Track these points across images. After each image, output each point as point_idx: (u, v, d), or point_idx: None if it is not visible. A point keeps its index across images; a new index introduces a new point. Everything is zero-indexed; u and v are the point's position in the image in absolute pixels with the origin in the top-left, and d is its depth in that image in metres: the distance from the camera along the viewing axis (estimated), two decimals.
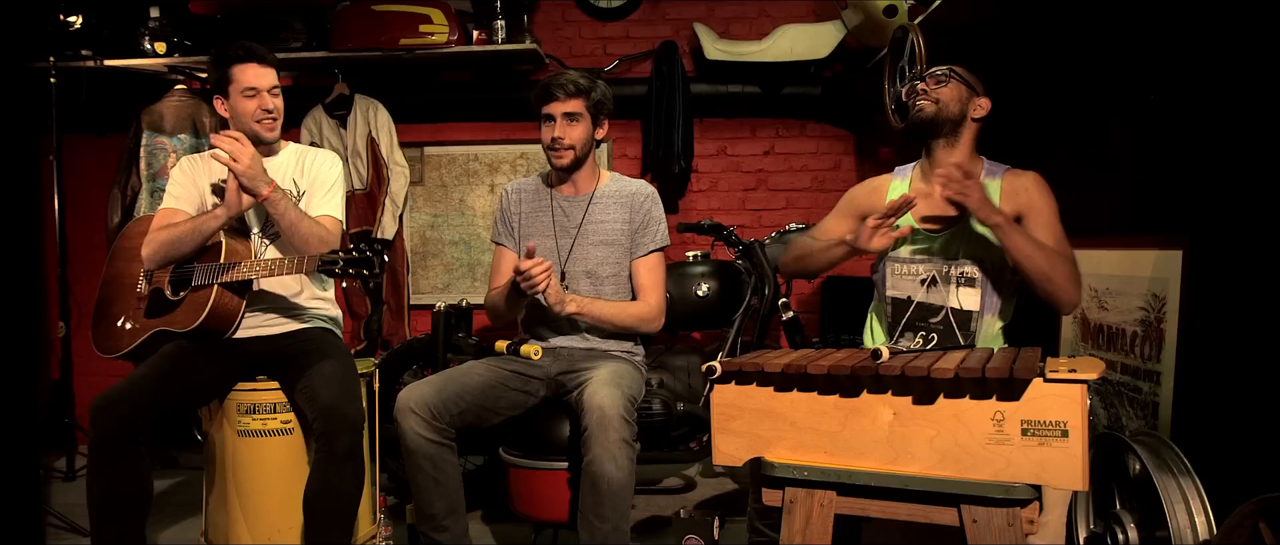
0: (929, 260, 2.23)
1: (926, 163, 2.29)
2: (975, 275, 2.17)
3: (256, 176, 2.33)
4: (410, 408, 2.28)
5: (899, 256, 2.28)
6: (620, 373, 2.35)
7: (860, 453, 1.69)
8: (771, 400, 1.75)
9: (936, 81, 2.22)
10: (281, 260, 2.30)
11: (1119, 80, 2.51)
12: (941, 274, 2.21)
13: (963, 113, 2.20)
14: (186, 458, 3.91)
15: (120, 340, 2.50)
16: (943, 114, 2.19)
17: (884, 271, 2.32)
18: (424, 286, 4.39)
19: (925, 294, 2.23)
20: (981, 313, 2.17)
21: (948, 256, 2.20)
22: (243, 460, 2.46)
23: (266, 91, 2.46)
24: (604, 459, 2.13)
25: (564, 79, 2.49)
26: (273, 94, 2.48)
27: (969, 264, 2.17)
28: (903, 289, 2.27)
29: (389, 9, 3.85)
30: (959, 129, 2.21)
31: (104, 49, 3.89)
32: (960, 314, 2.18)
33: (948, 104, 2.19)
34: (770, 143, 4.29)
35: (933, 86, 2.22)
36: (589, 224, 2.57)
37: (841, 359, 1.73)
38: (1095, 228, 2.61)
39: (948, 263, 2.20)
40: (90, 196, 4.26)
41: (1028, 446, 1.55)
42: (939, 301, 2.21)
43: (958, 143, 2.22)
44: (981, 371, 1.55)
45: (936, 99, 2.19)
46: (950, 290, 2.19)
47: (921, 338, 2.24)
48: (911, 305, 2.25)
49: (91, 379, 4.32)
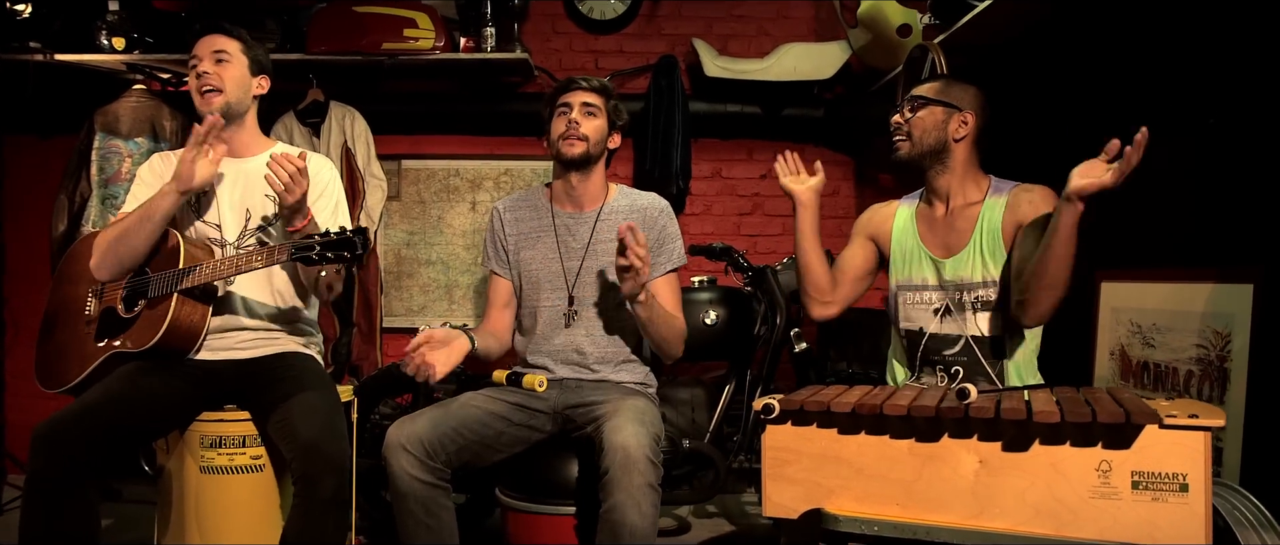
0: (939, 289, 2.11)
1: (925, 189, 2.21)
2: (992, 298, 2.03)
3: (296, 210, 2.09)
4: (402, 445, 2.03)
5: (909, 284, 2.17)
6: (641, 409, 2.12)
7: (939, 506, 1.49)
8: (835, 444, 1.55)
9: (911, 108, 2.13)
10: (248, 254, 2.03)
11: (1168, 102, 2.38)
12: (955, 302, 2.08)
13: (942, 138, 2.10)
14: (132, 489, 3.55)
15: (67, 370, 2.21)
16: (918, 148, 2.11)
17: (896, 303, 2.19)
18: (398, 308, 4.11)
19: (939, 324, 2.10)
20: (1005, 336, 2.03)
21: (959, 282, 2.07)
22: (205, 500, 2.16)
23: (208, 57, 2.21)
24: (627, 505, 1.90)
25: (586, 76, 2.36)
26: (214, 59, 2.22)
27: (983, 287, 2.04)
28: (915, 320, 2.15)
29: (371, 11, 3.62)
30: (943, 155, 2.11)
31: (55, 42, 3.57)
32: (982, 341, 2.04)
33: (921, 137, 2.10)
34: (768, 166, 4.05)
35: (906, 115, 2.14)
36: (597, 243, 2.34)
37: (921, 397, 1.53)
38: (1137, 259, 2.47)
39: (959, 289, 2.07)
40: (33, 202, 3.93)
41: (1139, 502, 1.37)
42: (956, 330, 2.08)
43: (949, 167, 2.12)
44: (1093, 416, 1.36)
45: (909, 132, 2.12)
46: (967, 317, 2.06)
47: (944, 373, 2.07)
48: (924, 337, 2.11)
49: (24, 401, 3.99)
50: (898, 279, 2.20)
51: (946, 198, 2.15)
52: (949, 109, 2.10)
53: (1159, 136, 2.50)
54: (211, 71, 2.20)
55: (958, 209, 2.12)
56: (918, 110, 2.12)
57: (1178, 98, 2.37)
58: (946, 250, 2.11)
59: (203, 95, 2.21)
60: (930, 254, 2.13)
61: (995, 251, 2.03)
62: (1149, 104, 2.54)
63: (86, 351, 2.19)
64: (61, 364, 2.22)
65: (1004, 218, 2.04)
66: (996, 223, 2.04)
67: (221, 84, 2.21)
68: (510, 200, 2.48)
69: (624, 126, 2.41)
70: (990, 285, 2.03)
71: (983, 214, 2.07)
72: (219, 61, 2.22)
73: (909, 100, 2.16)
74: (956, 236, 2.10)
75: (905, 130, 2.12)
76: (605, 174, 2.41)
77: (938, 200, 2.17)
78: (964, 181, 2.12)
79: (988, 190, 2.11)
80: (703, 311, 2.98)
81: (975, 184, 2.13)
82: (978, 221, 2.07)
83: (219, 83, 2.21)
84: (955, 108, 2.10)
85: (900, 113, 2.16)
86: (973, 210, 2.10)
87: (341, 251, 1.90)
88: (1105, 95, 2.72)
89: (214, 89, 2.20)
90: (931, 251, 2.14)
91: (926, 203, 2.21)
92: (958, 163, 2.11)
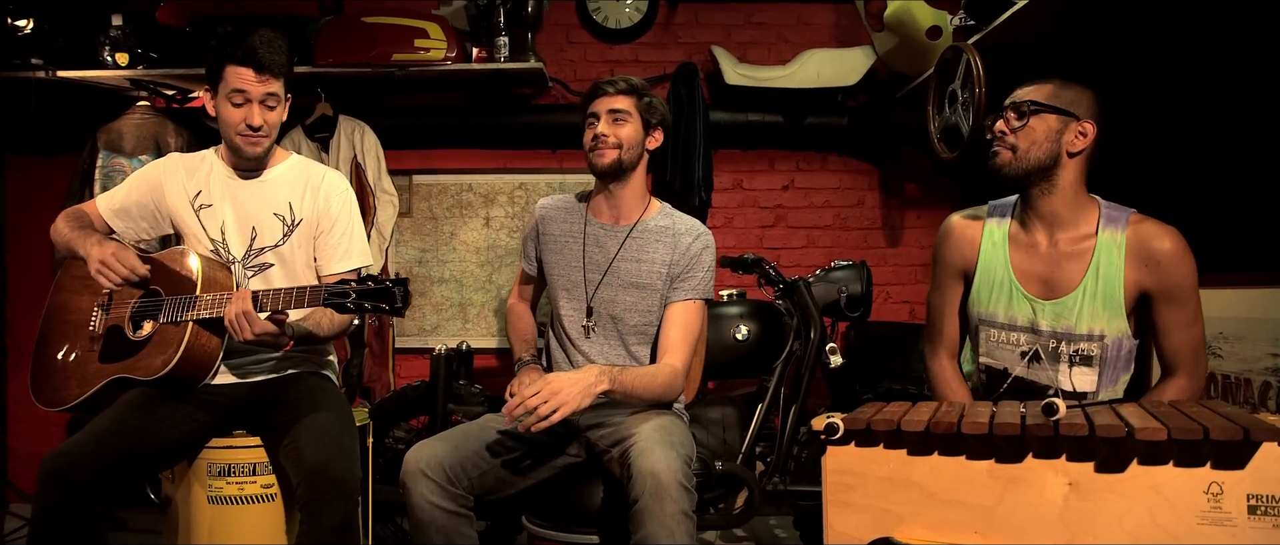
0: (1033, 332, 1.86)
1: (1022, 208, 1.92)
2: (1093, 352, 1.80)
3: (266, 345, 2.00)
4: (421, 470, 1.90)
5: (995, 320, 1.91)
6: (669, 429, 1.98)
7: (1023, 533, 1.35)
8: (904, 466, 1.41)
9: (1017, 115, 1.84)
10: (277, 293, 1.90)
11: (1238, 97, 2.25)
12: (1048, 350, 1.84)
13: (1054, 153, 1.81)
14: (137, 518, 3.41)
15: (67, 389, 2.07)
16: (1022, 164, 1.82)
17: (976, 332, 1.97)
18: (410, 329, 3.98)
19: (1026, 370, 1.87)
20: (1098, 392, 1.83)
21: (1057, 330, 1.83)
22: (214, 532, 2.04)
23: (258, 102, 2.03)
24: (660, 537, 1.76)
25: (613, 77, 2.22)
26: (265, 106, 2.05)
27: (1086, 340, 1.81)
28: (999, 358, 1.92)
29: (381, 22, 3.51)
30: (1052, 173, 1.83)
31: (57, 58, 3.47)
32: (1073, 397, 1.81)
33: (1028, 151, 1.82)
34: (790, 176, 4.00)
35: (1012, 123, 1.85)
36: (622, 261, 2.20)
37: (1002, 413, 1.39)
38: (1199, 264, 2.33)
39: (1056, 338, 1.83)
40: (35, 223, 3.81)
41: (1258, 528, 1.23)
42: (1045, 381, 1.85)
43: (1057, 187, 1.83)
44: (1204, 433, 1.22)
45: (1013, 145, 1.83)
46: (1061, 369, 1.83)
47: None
48: (1008, 378, 1.89)
49: (26, 428, 3.88)
50: (980, 311, 1.94)
51: (1052, 225, 1.87)
52: (1065, 117, 1.81)
53: (1221, 134, 2.38)
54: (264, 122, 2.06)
55: (1064, 241, 1.85)
56: (1027, 117, 1.83)
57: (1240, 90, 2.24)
58: (1048, 290, 1.86)
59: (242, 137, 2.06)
60: (1026, 292, 1.88)
61: (1110, 303, 1.79)
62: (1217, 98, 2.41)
63: (88, 372, 2.06)
64: (61, 381, 2.09)
65: (1125, 268, 1.78)
66: (1115, 271, 1.79)
67: (270, 135, 2.10)
68: (552, 200, 2.36)
69: (664, 122, 2.27)
70: (1095, 339, 1.80)
71: (1097, 254, 1.80)
72: (271, 108, 2.07)
73: (1015, 106, 1.85)
74: (1062, 277, 1.84)
75: (1010, 141, 1.84)
76: (646, 182, 2.29)
77: (1039, 226, 1.88)
78: (1074, 207, 1.84)
79: (1099, 221, 1.83)
80: (733, 326, 2.84)
81: (1085, 211, 1.85)
82: (1091, 263, 1.81)
83: (268, 132, 2.08)
84: (1073, 116, 1.81)
85: (1004, 119, 1.86)
86: (1084, 246, 1.82)
87: (380, 303, 1.77)
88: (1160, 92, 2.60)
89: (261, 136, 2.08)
90: (1026, 289, 1.88)
91: (1022, 225, 1.92)
92: (1067, 183, 1.83)
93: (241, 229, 2.13)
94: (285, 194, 2.16)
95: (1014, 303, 1.89)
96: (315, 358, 2.21)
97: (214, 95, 2.07)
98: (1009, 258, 1.90)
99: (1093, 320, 1.80)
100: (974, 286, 1.96)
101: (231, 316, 1.87)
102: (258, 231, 2.14)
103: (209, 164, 2.17)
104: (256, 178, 2.16)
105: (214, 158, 2.18)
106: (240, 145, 2.07)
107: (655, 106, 2.23)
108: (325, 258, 2.17)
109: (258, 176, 2.16)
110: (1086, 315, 1.80)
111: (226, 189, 2.14)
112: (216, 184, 2.14)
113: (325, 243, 2.17)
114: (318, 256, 2.17)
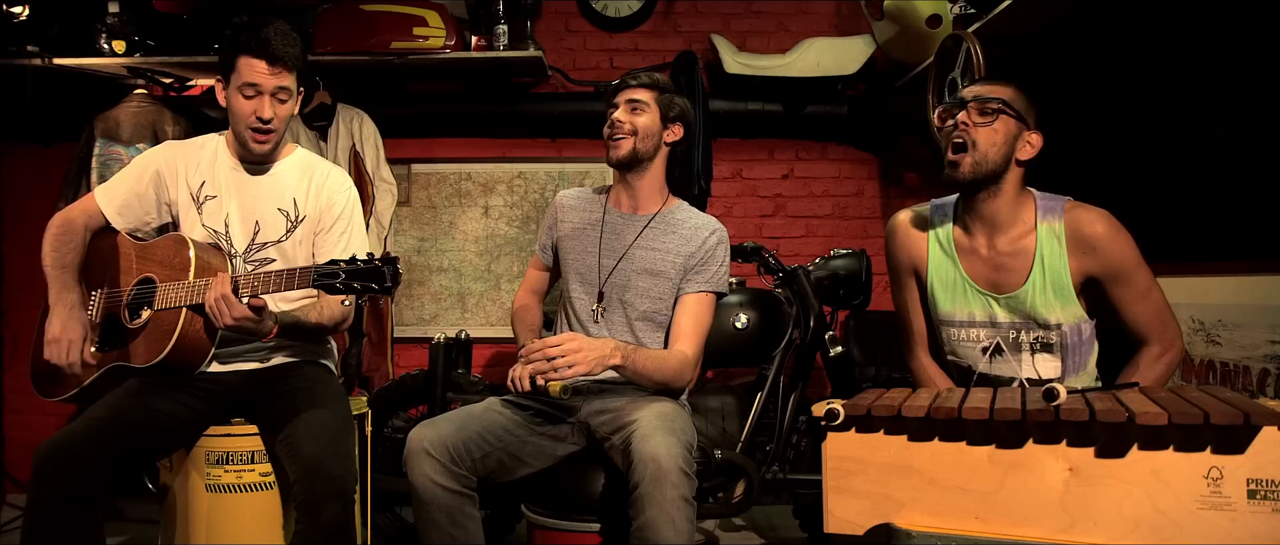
0: (991, 326, 1.86)
1: (964, 210, 1.90)
2: (1053, 340, 1.81)
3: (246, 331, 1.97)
4: (425, 450, 1.90)
5: (953, 319, 1.91)
6: (670, 416, 1.99)
7: (1024, 519, 1.35)
8: (905, 452, 1.41)
9: (981, 112, 1.78)
10: (266, 276, 1.88)
11: (1237, 84, 2.24)
12: (1008, 341, 1.84)
13: (1008, 157, 1.78)
14: (133, 508, 3.41)
15: (65, 378, 2.06)
16: (981, 167, 1.78)
17: (939, 333, 1.97)
18: (409, 318, 3.97)
19: (989, 365, 1.87)
20: (1064, 377, 1.83)
21: (1015, 321, 1.83)
22: (213, 520, 2.03)
23: (270, 94, 2.00)
24: (660, 523, 1.76)
25: (634, 71, 2.25)
26: (277, 99, 2.02)
27: (1042, 328, 1.81)
28: (963, 356, 1.93)
29: (380, 9, 3.49)
30: (999, 178, 1.80)
31: (53, 46, 3.44)
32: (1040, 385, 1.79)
33: (986, 152, 1.77)
34: (789, 165, 4.00)
35: (974, 120, 1.78)
36: (639, 248, 2.21)
37: (1003, 398, 1.39)
38: (1197, 252, 2.33)
39: (1015, 329, 1.83)
40: (32, 212, 3.79)
41: (1258, 513, 1.23)
42: (1009, 372, 1.85)
43: (1001, 191, 1.82)
44: (1204, 417, 1.22)
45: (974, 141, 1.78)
46: (1022, 358, 1.83)
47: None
48: (974, 376, 1.89)
49: (24, 418, 3.87)
50: (939, 313, 1.94)
51: (992, 228, 1.86)
52: (1021, 123, 1.79)
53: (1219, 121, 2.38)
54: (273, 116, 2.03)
55: (1004, 243, 1.85)
56: (993, 116, 1.78)
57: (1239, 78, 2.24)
58: (996, 287, 1.86)
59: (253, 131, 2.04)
60: (978, 287, 1.88)
61: (1060, 292, 1.79)
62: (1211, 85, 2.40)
63: (86, 360, 2.05)
64: (58, 370, 2.08)
65: (1068, 257, 1.78)
66: (1060, 261, 1.79)
67: (279, 130, 2.08)
68: (573, 192, 2.37)
69: (681, 118, 2.25)
70: (1052, 327, 1.80)
71: (1040, 247, 1.80)
72: (282, 101, 2.04)
73: (980, 101, 1.78)
74: (1008, 274, 1.84)
75: (969, 138, 1.77)
76: (665, 179, 2.28)
77: (980, 229, 1.87)
78: (1014, 208, 1.83)
79: (1036, 213, 1.83)
80: (733, 315, 2.84)
81: (1023, 209, 1.84)
82: (1035, 257, 1.80)
83: (277, 126, 2.06)
84: (1026, 124, 1.79)
85: (966, 113, 1.79)
86: (1026, 244, 1.82)
87: (369, 282, 1.76)
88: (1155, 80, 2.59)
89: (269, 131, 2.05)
90: (979, 286, 1.88)
91: (964, 229, 1.90)
92: (1010, 187, 1.82)
93: (245, 223, 2.12)
94: (290, 190, 2.14)
95: (970, 301, 1.89)
96: (314, 347, 2.20)
97: (225, 85, 2.04)
98: (958, 261, 1.91)
99: (1047, 311, 1.80)
100: (929, 289, 1.96)
101: (210, 302, 1.86)
102: (261, 226, 2.13)
103: (213, 152, 2.14)
104: (263, 172, 2.14)
105: (220, 145, 2.15)
106: (248, 141, 2.06)
107: (674, 103, 2.23)
108: (324, 254, 2.15)
109: (265, 171, 2.14)
110: (1040, 307, 1.80)
111: (232, 181, 2.12)
112: (222, 175, 2.12)
113: (325, 240, 2.16)
114: (316, 252, 2.16)
